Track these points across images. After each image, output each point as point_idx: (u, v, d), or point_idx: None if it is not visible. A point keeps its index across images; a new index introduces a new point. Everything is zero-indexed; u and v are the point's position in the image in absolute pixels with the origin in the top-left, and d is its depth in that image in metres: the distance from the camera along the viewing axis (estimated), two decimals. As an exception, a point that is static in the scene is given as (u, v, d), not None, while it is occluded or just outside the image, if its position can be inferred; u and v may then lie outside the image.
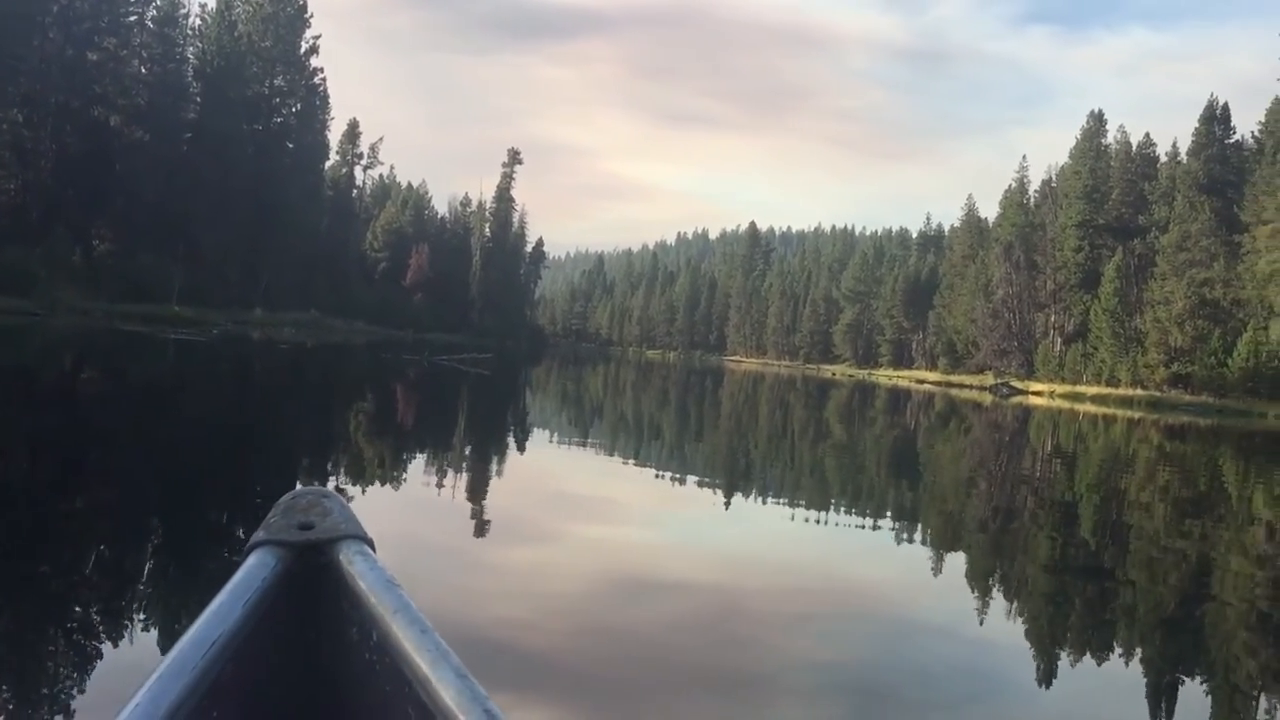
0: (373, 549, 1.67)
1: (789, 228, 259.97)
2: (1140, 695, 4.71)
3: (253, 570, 1.57)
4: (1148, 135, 75.56)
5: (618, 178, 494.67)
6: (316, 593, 1.64)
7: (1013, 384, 69.10)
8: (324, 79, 71.56)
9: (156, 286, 48.27)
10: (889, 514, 10.17)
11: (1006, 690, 4.64)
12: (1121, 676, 5.01)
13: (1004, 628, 5.71)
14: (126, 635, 4.01)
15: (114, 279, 47.03)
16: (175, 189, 54.25)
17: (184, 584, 4.89)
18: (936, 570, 7.26)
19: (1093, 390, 62.66)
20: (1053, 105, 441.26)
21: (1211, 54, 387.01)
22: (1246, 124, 73.70)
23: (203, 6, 64.56)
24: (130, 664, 3.62)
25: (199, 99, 61.25)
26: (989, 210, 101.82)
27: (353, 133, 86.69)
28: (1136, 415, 44.27)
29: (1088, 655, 5.31)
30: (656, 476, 11.51)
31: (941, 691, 4.46)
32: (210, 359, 27.25)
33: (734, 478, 12.34)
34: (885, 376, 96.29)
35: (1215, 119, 67.15)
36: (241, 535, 5.51)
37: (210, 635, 1.42)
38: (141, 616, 4.33)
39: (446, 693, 1.34)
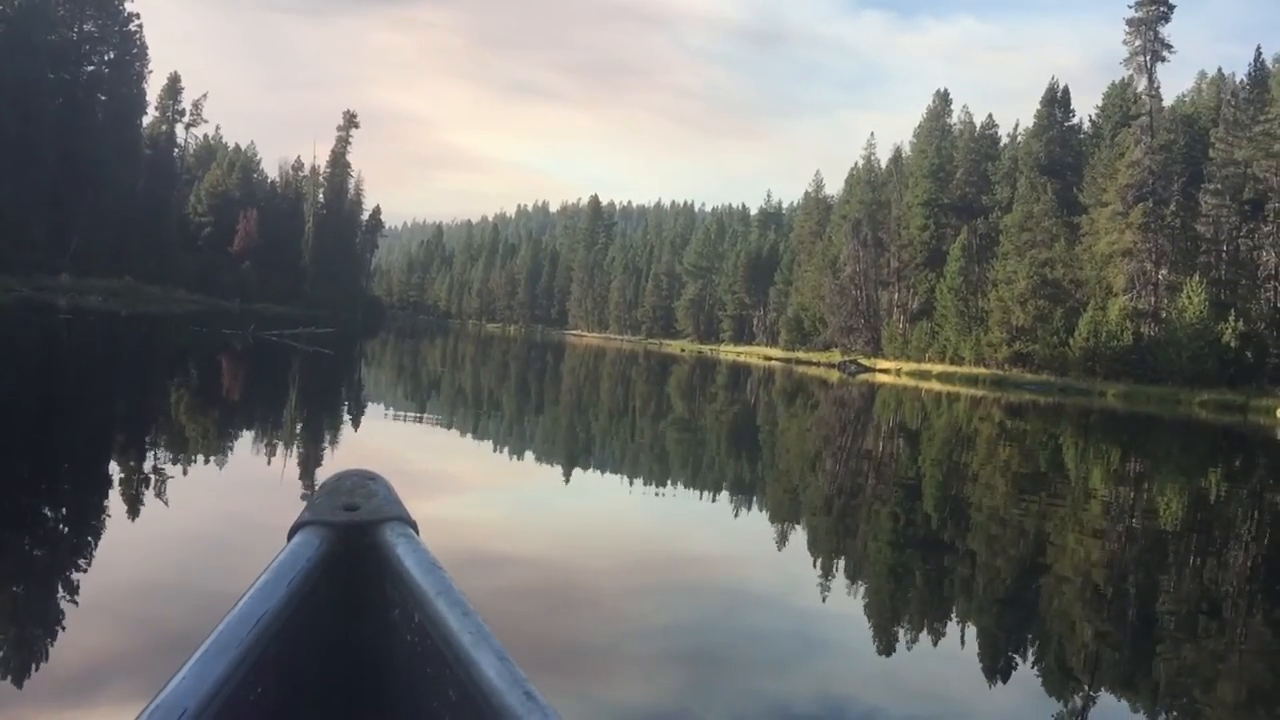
0: (416, 531, 1.69)
1: (630, 202, 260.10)
2: (974, 662, 4.82)
3: (297, 550, 1.59)
4: (990, 116, 77.31)
5: (456, 148, 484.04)
6: (360, 573, 1.65)
7: (860, 361, 69.34)
8: (140, 25, 65.84)
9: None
10: (732, 489, 10.33)
11: (837, 653, 4.82)
12: (955, 644, 5.15)
13: (841, 598, 5.84)
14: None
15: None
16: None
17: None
18: (778, 543, 7.49)
19: (938, 368, 63.37)
20: (883, 90, 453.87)
21: (1034, 45, 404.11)
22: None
23: (-1, -59, 58.11)
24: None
25: (-3, 42, 55.13)
26: (832, 188, 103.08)
27: (174, 87, 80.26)
28: (980, 393, 45.06)
29: (923, 623, 5.49)
30: (494, 451, 11.48)
31: (772, 653, 4.63)
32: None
33: (575, 453, 12.31)
34: (729, 352, 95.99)
35: (1056, 102, 68.66)
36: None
37: (255, 613, 1.44)
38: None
39: (487, 674, 1.36)
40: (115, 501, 6.54)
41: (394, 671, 1.62)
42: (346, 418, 13.81)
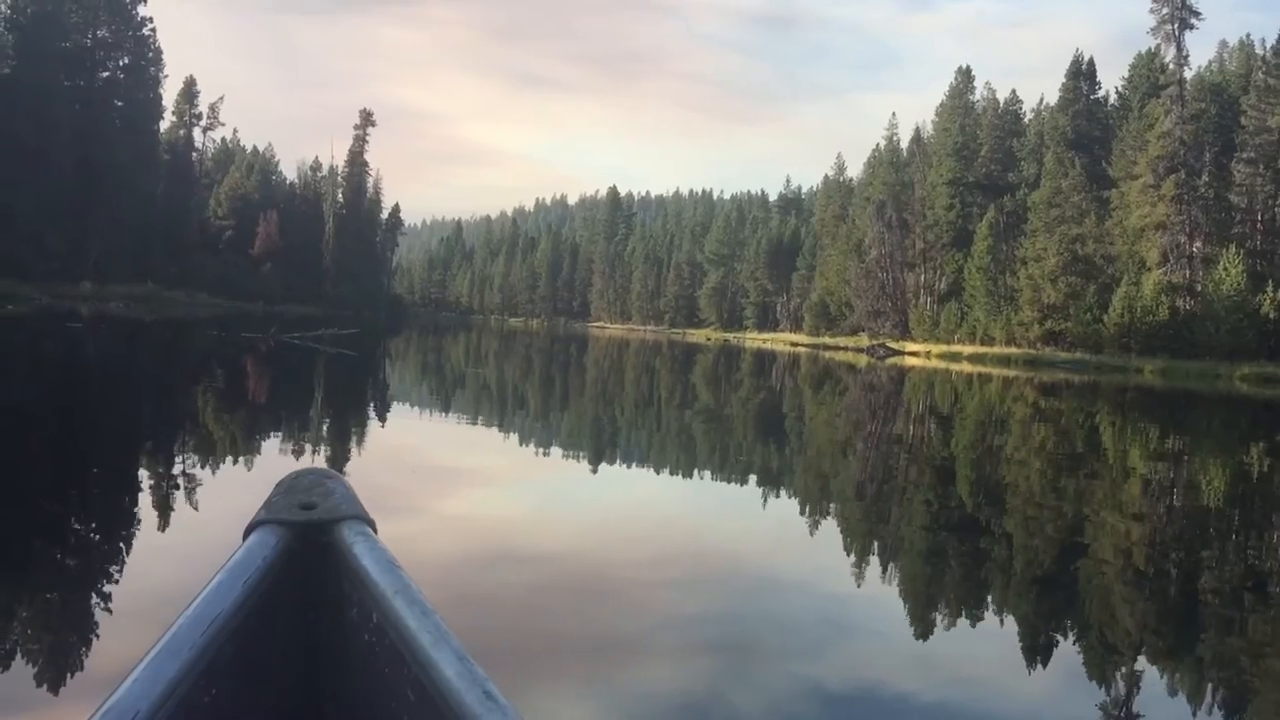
0: (374, 530, 1.68)
1: (648, 192, 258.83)
2: (1012, 645, 4.69)
3: (253, 549, 1.58)
4: (1014, 92, 75.98)
5: (473, 143, 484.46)
6: (317, 573, 1.63)
7: (889, 345, 68.42)
8: (154, 30, 65.49)
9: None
10: (761, 477, 10.03)
11: (871, 638, 4.71)
12: (993, 627, 5.00)
13: (874, 583, 5.70)
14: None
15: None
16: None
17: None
18: (809, 529, 7.31)
19: (969, 349, 62.47)
20: (897, 71, 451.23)
21: (1048, 21, 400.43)
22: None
23: (11, -51, 57.85)
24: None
25: (11, 51, 54.86)
26: (851, 171, 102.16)
27: (190, 91, 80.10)
28: (1013, 373, 44.25)
29: (959, 606, 5.35)
30: (523, 444, 11.42)
31: (805, 639, 4.54)
32: None
33: (601, 444, 12.20)
34: (754, 340, 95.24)
35: (1081, 75, 67.44)
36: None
37: (210, 613, 1.43)
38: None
39: (446, 674, 1.35)
40: (140, 507, 6.27)
41: (351, 672, 1.59)
42: (372, 417, 13.45)
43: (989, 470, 11.80)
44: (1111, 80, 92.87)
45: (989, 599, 5.61)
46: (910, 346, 68.49)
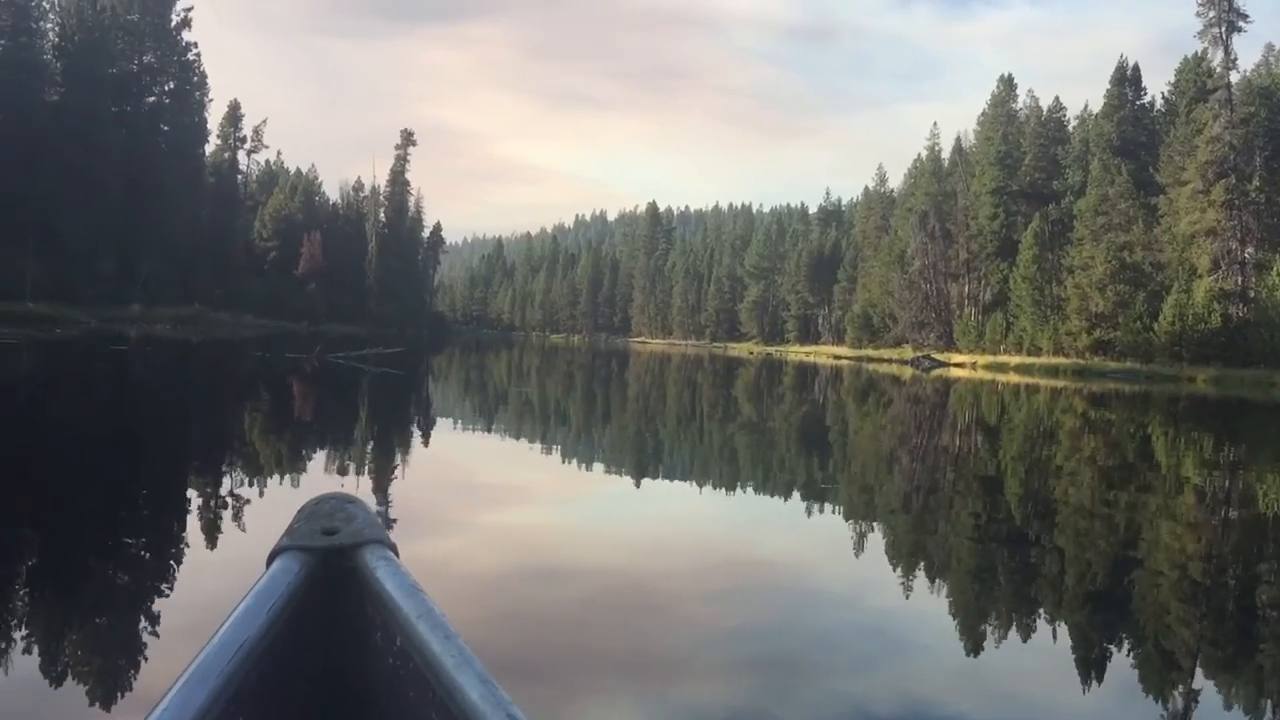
0: (396, 554, 1.69)
1: (687, 207, 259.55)
2: (1065, 661, 4.57)
3: (277, 576, 1.59)
4: (1057, 99, 74.98)
5: (512, 161, 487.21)
6: (340, 598, 1.64)
7: (934, 356, 67.70)
8: (198, 54, 66.63)
9: (8, 282, 42.87)
10: (804, 491, 9.92)
11: (919, 653, 4.59)
12: (1044, 642, 4.87)
13: (922, 597, 5.59)
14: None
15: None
16: (35, 175, 49.20)
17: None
18: (855, 544, 7.17)
19: (1015, 360, 61.69)
20: (937, 81, 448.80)
21: (1090, 28, 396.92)
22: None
23: (59, -23, 58.92)
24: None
25: (60, 78, 55.83)
26: (892, 182, 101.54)
27: (234, 115, 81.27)
28: (1061, 384, 43.60)
29: (1009, 621, 5.23)
30: (567, 461, 11.36)
31: (851, 655, 4.48)
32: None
33: (643, 459, 12.11)
34: (796, 353, 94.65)
35: (1126, 81, 66.55)
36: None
37: (235, 641, 1.44)
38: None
39: (470, 697, 1.36)
40: (186, 528, 6.28)
41: (376, 696, 1.61)
42: (416, 436, 13.47)
43: (1038, 482, 11.58)
44: (1156, 86, 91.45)
45: (1040, 613, 5.48)
46: (956, 358, 67.73)
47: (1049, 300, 63.41)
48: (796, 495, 9.61)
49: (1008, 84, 77.94)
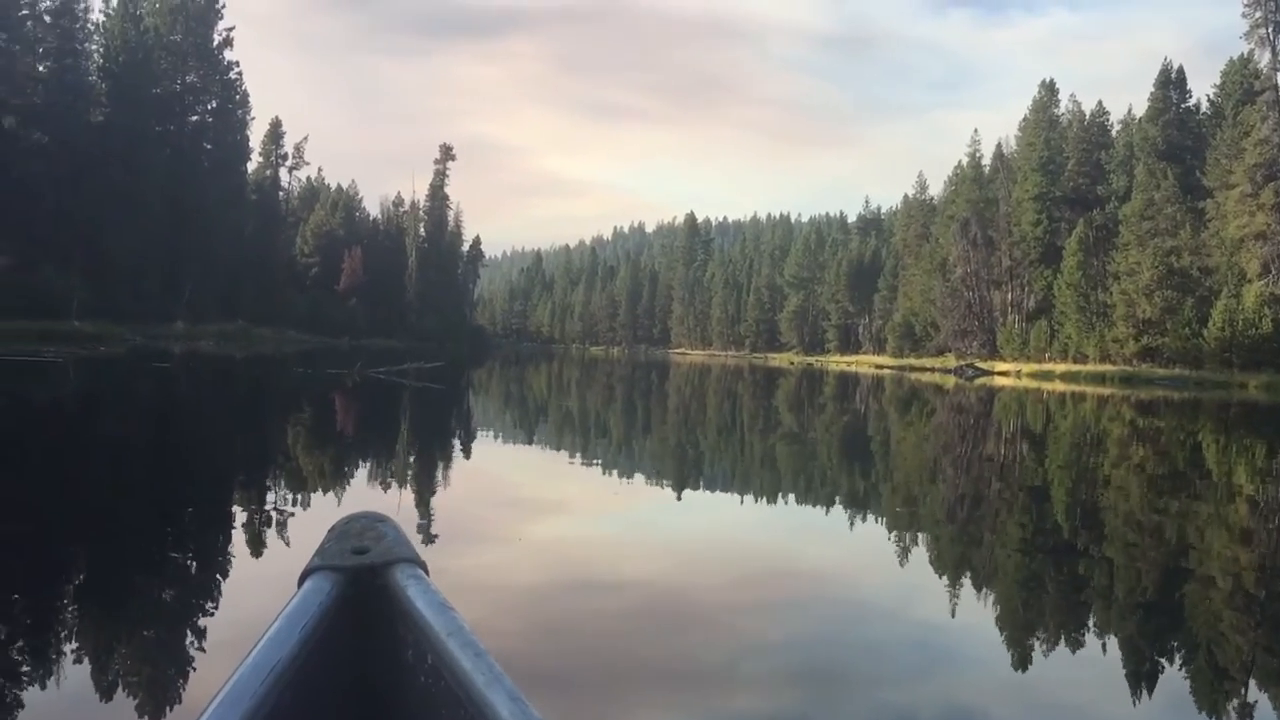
0: (426, 572, 1.70)
1: (725, 218, 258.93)
2: (1115, 674, 4.47)
3: (309, 596, 1.61)
4: (1100, 104, 74.06)
5: (550, 174, 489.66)
6: (371, 616, 1.66)
7: (977, 365, 66.97)
8: (240, 73, 67.50)
9: (56, 301, 43.30)
10: (847, 501, 9.84)
11: (966, 665, 4.53)
12: (1095, 655, 4.76)
13: (968, 609, 5.52)
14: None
15: (6, 294, 40.96)
16: (81, 195, 49.99)
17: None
18: (900, 553, 7.11)
19: (1061, 368, 60.86)
20: (975, 88, 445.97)
21: (1129, 32, 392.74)
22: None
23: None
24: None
25: (105, 98, 56.71)
26: (931, 190, 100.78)
27: (275, 132, 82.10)
28: (1108, 391, 42.98)
29: (1060, 635, 5.10)
30: (606, 473, 11.27)
31: (896, 667, 4.39)
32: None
33: (684, 470, 11.98)
34: (837, 362, 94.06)
35: (1171, 84, 65.64)
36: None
37: (268, 661, 1.45)
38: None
39: (501, 714, 1.37)
40: (228, 544, 6.24)
41: (408, 714, 1.61)
42: (458, 451, 13.37)
43: (1085, 491, 11.33)
44: (1199, 89, 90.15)
45: (1089, 624, 5.35)
46: (999, 366, 66.91)
47: (1094, 307, 62.52)
48: (839, 506, 9.49)
49: (1049, 89, 77.15)
